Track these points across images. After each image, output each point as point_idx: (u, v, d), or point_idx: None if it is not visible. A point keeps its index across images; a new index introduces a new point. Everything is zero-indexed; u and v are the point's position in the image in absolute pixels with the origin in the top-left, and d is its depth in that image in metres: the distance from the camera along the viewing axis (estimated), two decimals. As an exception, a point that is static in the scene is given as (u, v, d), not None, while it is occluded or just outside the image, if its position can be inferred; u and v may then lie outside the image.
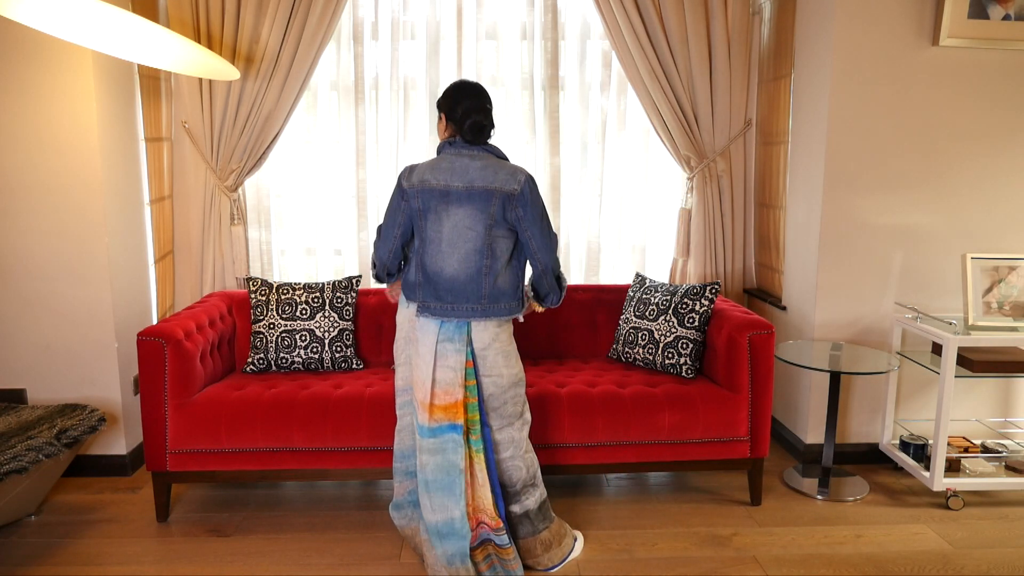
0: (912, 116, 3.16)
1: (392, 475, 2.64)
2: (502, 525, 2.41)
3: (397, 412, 2.57)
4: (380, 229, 2.48)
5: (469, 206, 2.30)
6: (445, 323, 2.34)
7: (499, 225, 2.31)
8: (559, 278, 2.48)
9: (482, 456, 2.39)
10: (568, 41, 3.67)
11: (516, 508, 2.49)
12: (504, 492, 2.48)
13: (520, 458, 2.47)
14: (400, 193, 2.39)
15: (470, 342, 2.36)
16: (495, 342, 2.37)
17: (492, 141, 2.42)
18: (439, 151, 2.41)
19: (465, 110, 2.34)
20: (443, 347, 2.34)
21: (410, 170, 2.38)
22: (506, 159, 2.40)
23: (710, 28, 3.48)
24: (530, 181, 2.33)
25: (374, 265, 2.52)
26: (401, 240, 2.43)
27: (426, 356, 2.35)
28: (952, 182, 3.21)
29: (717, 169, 3.63)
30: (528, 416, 2.52)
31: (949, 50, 3.11)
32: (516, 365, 2.44)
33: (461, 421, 2.34)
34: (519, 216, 2.31)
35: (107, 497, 3.07)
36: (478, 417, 2.38)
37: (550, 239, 2.38)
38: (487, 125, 2.36)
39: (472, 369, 2.37)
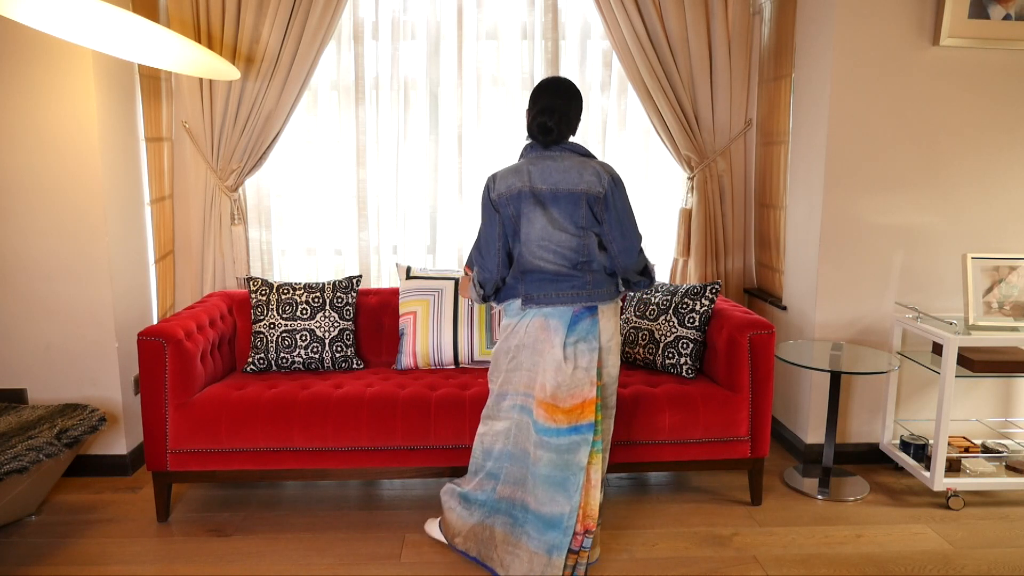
0: (913, 116, 3.16)
1: (472, 463, 2.60)
2: (595, 527, 2.42)
3: (491, 412, 2.53)
4: (477, 248, 2.46)
5: (555, 208, 2.30)
6: (576, 320, 2.34)
7: (591, 225, 2.31)
8: (645, 270, 2.41)
9: (600, 456, 2.38)
10: (568, 41, 3.67)
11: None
12: None
13: (607, 451, 2.49)
14: (490, 205, 2.39)
15: (599, 337, 2.36)
16: (616, 334, 2.40)
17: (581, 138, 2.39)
18: (522, 154, 2.41)
19: (538, 110, 2.34)
20: (577, 348, 2.33)
21: (494, 179, 2.39)
22: (590, 156, 2.36)
23: (710, 28, 3.48)
24: (614, 182, 2.30)
25: (482, 286, 2.47)
26: (504, 251, 2.42)
27: (552, 357, 2.34)
28: (953, 182, 3.21)
29: (717, 169, 3.63)
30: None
31: (950, 50, 3.10)
32: (618, 361, 2.47)
33: (594, 420, 2.33)
34: (604, 218, 2.29)
35: (107, 497, 3.07)
36: (601, 416, 2.38)
37: (632, 241, 2.33)
38: (553, 127, 2.31)
39: (600, 369, 2.37)
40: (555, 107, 2.31)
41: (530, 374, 2.40)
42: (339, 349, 3.19)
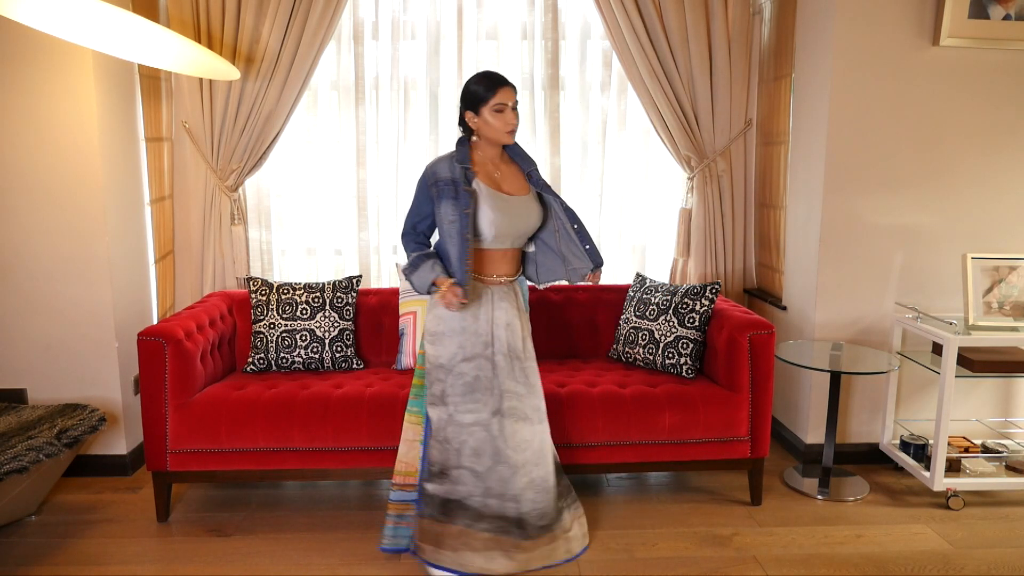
0: (912, 116, 3.16)
1: None
2: (413, 484, 2.54)
3: None
4: None
5: None
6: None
7: None
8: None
9: (415, 418, 2.55)
10: (568, 41, 3.67)
11: (428, 487, 2.45)
12: (429, 467, 2.49)
13: (438, 441, 2.45)
14: None
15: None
16: (432, 329, 2.48)
17: None
18: None
19: None
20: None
21: None
22: (457, 147, 2.48)
23: (710, 28, 3.48)
24: (425, 170, 2.45)
25: None
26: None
27: None
28: (952, 182, 3.21)
29: (717, 169, 3.63)
30: (453, 411, 2.41)
31: (949, 50, 3.10)
32: (440, 350, 2.44)
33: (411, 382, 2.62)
34: None
35: (107, 497, 3.07)
36: (422, 383, 2.53)
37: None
38: (459, 123, 2.50)
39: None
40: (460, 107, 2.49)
41: None
42: (339, 349, 3.19)
